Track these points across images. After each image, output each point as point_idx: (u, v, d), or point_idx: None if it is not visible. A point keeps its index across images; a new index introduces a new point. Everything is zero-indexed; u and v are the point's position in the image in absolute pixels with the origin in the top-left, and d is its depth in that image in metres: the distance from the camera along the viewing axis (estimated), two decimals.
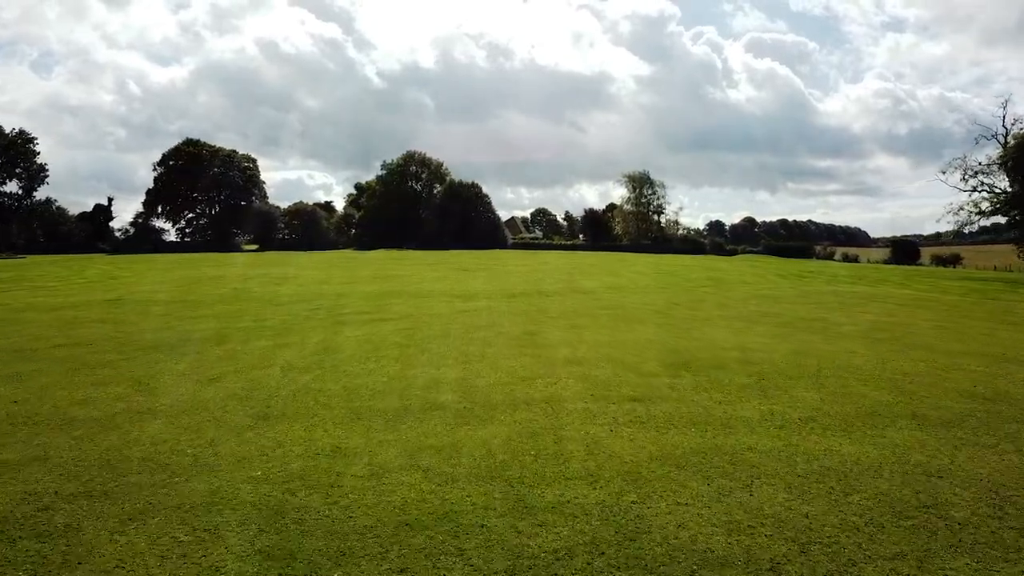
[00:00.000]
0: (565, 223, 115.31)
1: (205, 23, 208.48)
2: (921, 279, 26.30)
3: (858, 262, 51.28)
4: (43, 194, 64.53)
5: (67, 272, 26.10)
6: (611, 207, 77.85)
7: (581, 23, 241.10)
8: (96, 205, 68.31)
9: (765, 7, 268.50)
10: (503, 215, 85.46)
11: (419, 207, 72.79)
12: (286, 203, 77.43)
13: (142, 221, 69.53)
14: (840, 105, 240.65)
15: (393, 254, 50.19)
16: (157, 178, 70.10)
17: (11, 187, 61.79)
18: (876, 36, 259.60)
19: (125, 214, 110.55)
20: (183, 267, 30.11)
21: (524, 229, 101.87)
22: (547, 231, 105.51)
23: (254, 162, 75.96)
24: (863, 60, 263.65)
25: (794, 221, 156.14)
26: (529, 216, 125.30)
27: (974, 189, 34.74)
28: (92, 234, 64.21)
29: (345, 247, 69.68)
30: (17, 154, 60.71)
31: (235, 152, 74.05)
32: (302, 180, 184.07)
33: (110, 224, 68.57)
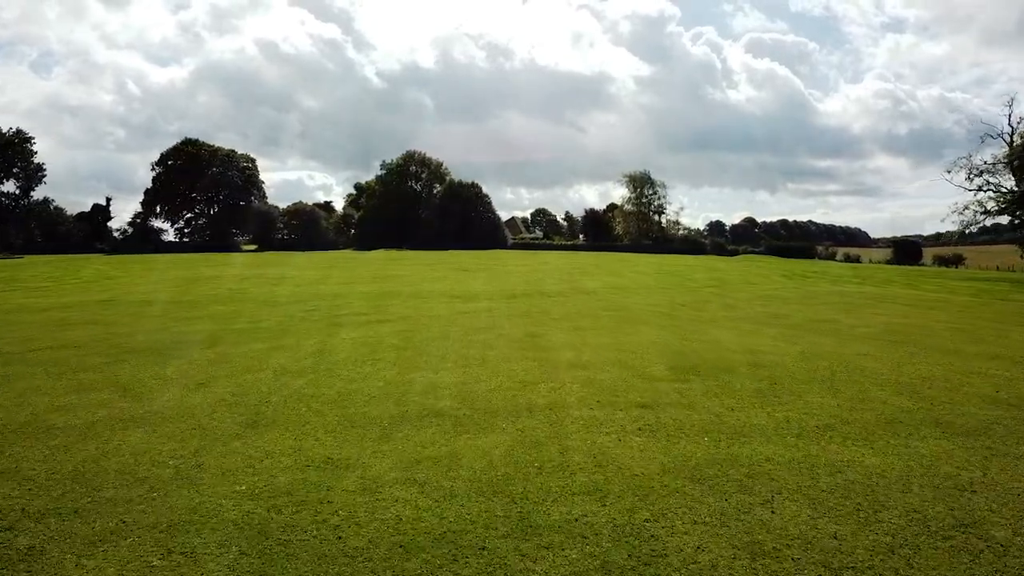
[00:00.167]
0: (565, 223, 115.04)
1: (205, 23, 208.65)
2: (928, 280, 26.03)
3: (860, 262, 51.01)
4: (41, 194, 64.45)
5: (61, 272, 25.83)
6: (612, 207, 77.60)
7: (581, 23, 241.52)
8: (94, 205, 68.16)
9: (765, 7, 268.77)
10: (503, 215, 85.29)
11: (419, 207, 72.45)
12: (286, 204, 77.29)
13: (140, 221, 69.28)
14: (840, 105, 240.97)
15: (392, 254, 49.89)
16: (156, 178, 69.84)
17: (8, 187, 61.71)
18: (876, 36, 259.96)
19: (125, 214, 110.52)
20: (180, 267, 29.83)
21: (524, 229, 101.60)
22: (547, 231, 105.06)
23: (253, 162, 75.76)
24: (863, 60, 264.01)
25: (794, 221, 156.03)
26: (529, 216, 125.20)
27: (980, 188, 34.37)
28: (90, 234, 63.98)
29: (345, 247, 69.38)
30: (14, 154, 60.47)
31: (234, 152, 73.81)
32: (302, 180, 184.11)
33: (108, 224, 68.37)
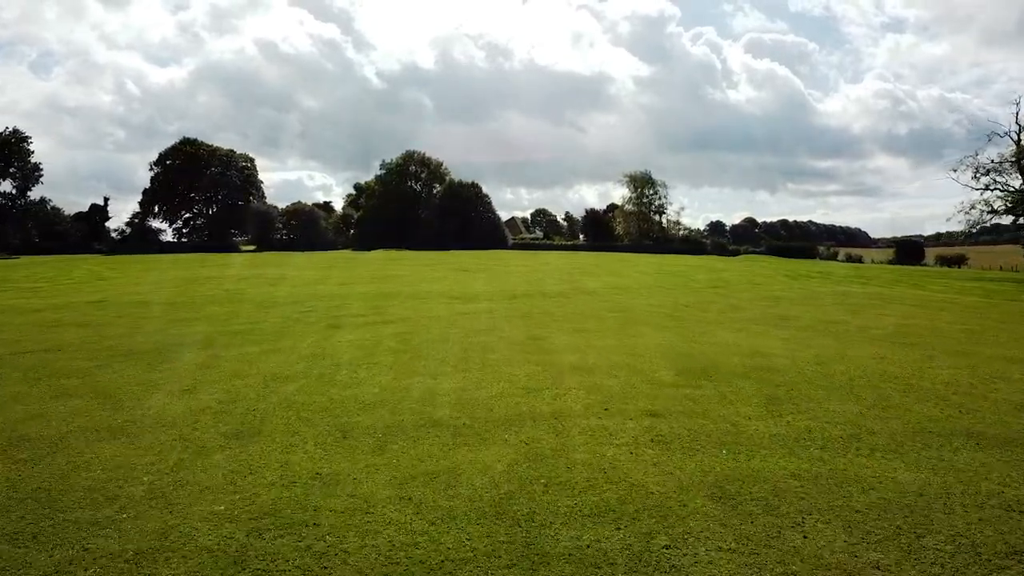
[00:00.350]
0: (565, 223, 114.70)
1: (204, 24, 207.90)
2: (933, 280, 25.71)
3: (862, 262, 50.69)
4: (38, 194, 64.06)
5: (55, 273, 25.49)
6: (612, 207, 77.25)
7: (581, 23, 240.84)
8: (92, 205, 67.65)
9: (765, 7, 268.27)
10: (503, 215, 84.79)
11: (419, 207, 72.04)
12: (285, 204, 76.88)
13: (138, 221, 68.84)
14: (840, 105, 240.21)
15: (392, 254, 49.53)
16: (154, 178, 69.39)
17: (5, 186, 61.28)
18: (876, 37, 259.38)
19: (124, 214, 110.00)
20: (177, 267, 29.49)
21: (524, 229, 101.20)
22: (547, 231, 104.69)
23: (252, 162, 75.29)
24: (863, 60, 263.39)
25: (794, 221, 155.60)
26: (529, 216, 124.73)
27: (986, 187, 33.97)
28: (88, 234, 63.54)
29: (344, 247, 69.01)
30: (11, 153, 60.08)
31: (233, 152, 73.38)
32: (302, 181, 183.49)
33: (106, 224, 67.94)
